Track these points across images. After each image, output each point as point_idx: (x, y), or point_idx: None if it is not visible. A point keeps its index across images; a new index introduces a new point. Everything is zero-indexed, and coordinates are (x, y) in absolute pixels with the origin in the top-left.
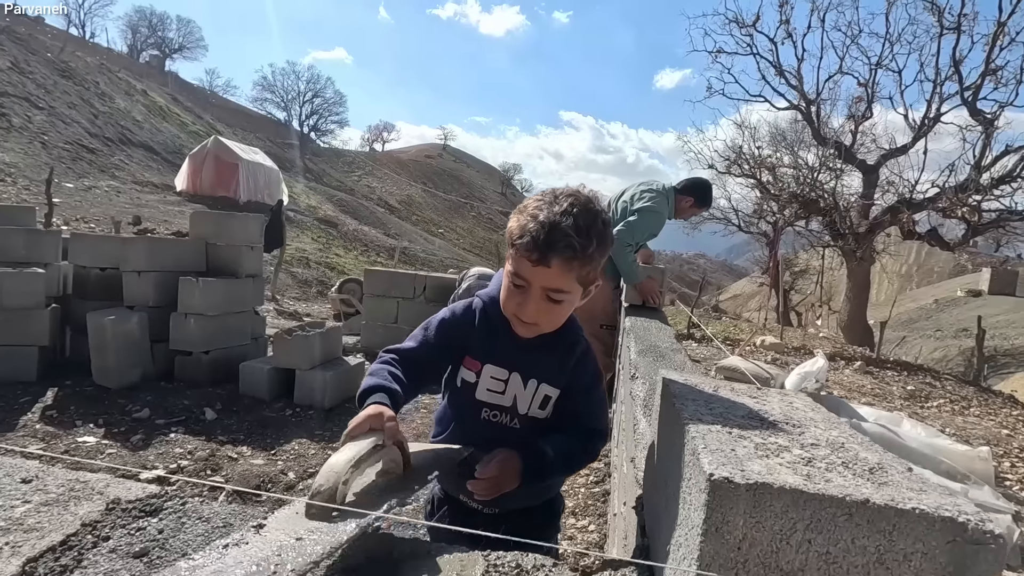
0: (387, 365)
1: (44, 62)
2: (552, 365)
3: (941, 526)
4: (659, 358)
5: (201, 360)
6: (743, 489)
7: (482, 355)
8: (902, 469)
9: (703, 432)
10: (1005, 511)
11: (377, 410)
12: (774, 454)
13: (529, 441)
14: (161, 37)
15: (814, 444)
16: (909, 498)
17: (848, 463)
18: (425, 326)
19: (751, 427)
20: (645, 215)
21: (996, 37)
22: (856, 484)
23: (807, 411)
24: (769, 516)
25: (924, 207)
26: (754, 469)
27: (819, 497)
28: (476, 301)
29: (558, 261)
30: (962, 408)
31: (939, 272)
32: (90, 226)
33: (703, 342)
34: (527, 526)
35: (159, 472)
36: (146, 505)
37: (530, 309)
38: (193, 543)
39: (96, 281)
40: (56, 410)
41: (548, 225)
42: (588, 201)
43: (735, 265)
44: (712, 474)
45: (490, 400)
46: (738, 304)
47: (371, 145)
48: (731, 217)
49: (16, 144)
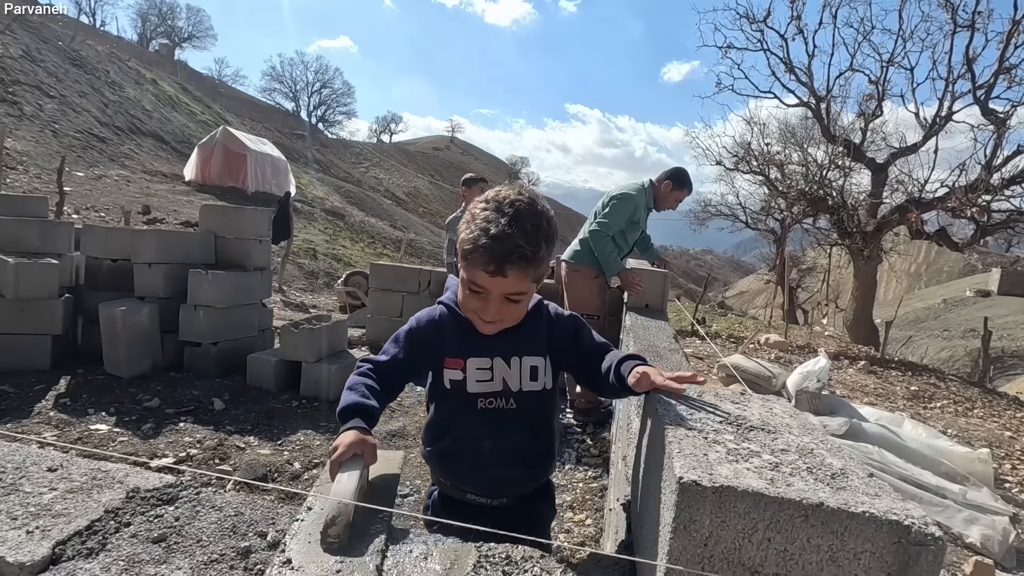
0: (364, 377)
1: (55, 51)
2: (527, 337)
3: (888, 528)
4: (656, 358)
5: (210, 351)
6: (709, 492)
7: (461, 352)
8: (863, 474)
9: (680, 436)
10: (1003, 513)
11: (359, 437)
12: (744, 459)
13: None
14: (171, 26)
15: (784, 449)
16: (862, 502)
17: (813, 468)
18: (395, 338)
19: (727, 432)
20: (614, 205)
21: (1011, 35)
22: (815, 488)
23: (785, 417)
24: (733, 516)
25: (933, 206)
26: (722, 473)
27: (778, 500)
28: (440, 307)
29: (514, 271)
30: (966, 409)
31: (948, 272)
32: (100, 215)
33: (706, 339)
34: (530, 514)
35: (169, 461)
36: (163, 494)
37: (491, 312)
38: (208, 530)
39: (108, 272)
40: (69, 398)
41: (500, 238)
42: (531, 203)
43: (742, 261)
44: (682, 477)
45: (482, 390)
46: (744, 301)
47: (379, 136)
48: (738, 213)
49: (28, 132)
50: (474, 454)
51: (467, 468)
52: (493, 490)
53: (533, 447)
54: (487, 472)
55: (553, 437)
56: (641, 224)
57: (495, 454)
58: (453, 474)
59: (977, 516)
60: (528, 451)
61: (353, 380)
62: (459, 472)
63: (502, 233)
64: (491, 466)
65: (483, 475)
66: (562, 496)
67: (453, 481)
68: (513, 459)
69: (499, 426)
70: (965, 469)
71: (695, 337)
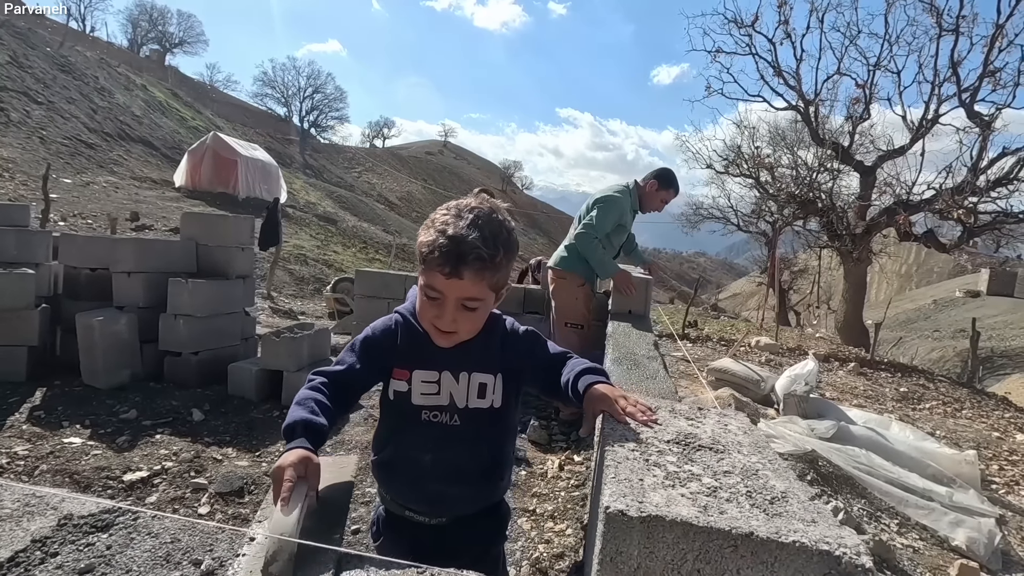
0: (315, 392)
1: (43, 56)
2: (479, 353)
3: (818, 559)
4: (634, 366)
5: (190, 361)
6: (636, 522)
7: (409, 363)
8: (804, 498)
9: (620, 459)
10: (989, 515)
11: (303, 456)
12: (682, 483)
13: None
14: (162, 31)
15: (728, 472)
16: (795, 530)
17: (753, 492)
18: (351, 346)
19: (672, 453)
20: (601, 208)
21: (995, 39)
22: (749, 516)
23: (738, 434)
24: (662, 547)
25: (921, 209)
26: (653, 500)
27: (707, 530)
28: (395, 316)
29: (470, 272)
30: (954, 410)
31: (939, 272)
32: (87, 222)
33: (698, 342)
34: (474, 535)
35: (143, 474)
36: (98, 520)
37: (447, 319)
38: (139, 558)
39: (86, 281)
40: (43, 410)
41: (457, 239)
42: (491, 211)
43: (735, 263)
44: (608, 507)
45: (427, 403)
46: (737, 303)
47: (371, 141)
48: (730, 216)
49: (14, 139)
50: (413, 467)
51: (405, 481)
52: (431, 507)
53: (476, 466)
54: (424, 486)
55: (502, 458)
56: (628, 226)
57: (435, 469)
58: (392, 487)
59: (963, 519)
60: (470, 469)
61: (302, 395)
62: (397, 485)
63: (459, 234)
64: (429, 481)
65: (420, 489)
66: (543, 505)
67: (392, 495)
68: (453, 476)
69: (441, 441)
70: (952, 471)
71: (685, 340)
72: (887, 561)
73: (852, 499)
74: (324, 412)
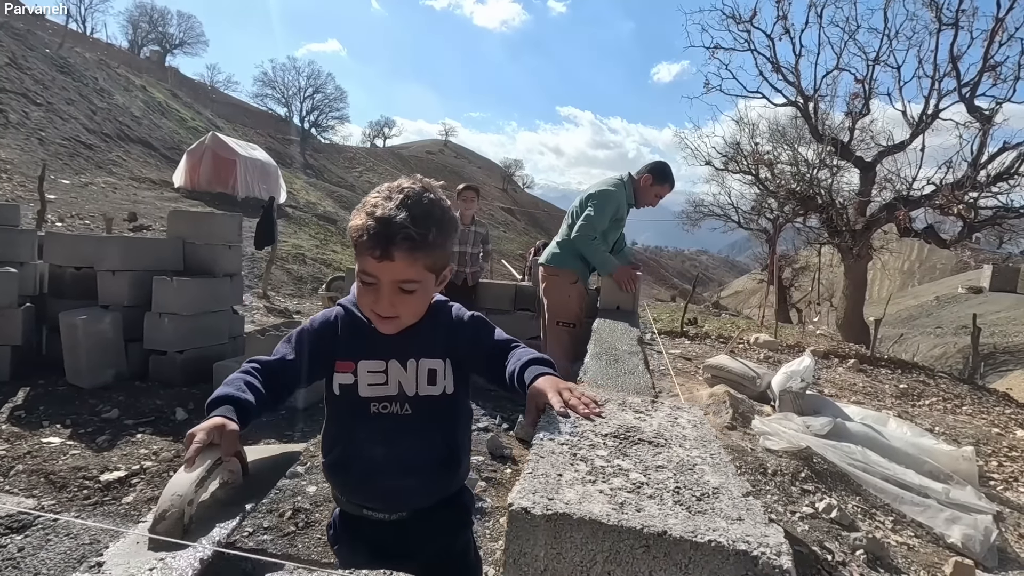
0: (244, 375)
1: (42, 58)
2: (425, 339)
3: (735, 559)
4: (613, 362)
5: (176, 360)
6: (541, 520)
7: (353, 355)
8: (737, 493)
9: (546, 453)
10: (986, 511)
11: (218, 422)
12: (605, 479)
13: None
14: (162, 32)
15: (661, 466)
16: (715, 529)
17: (682, 488)
18: (288, 338)
19: (604, 447)
20: (597, 203)
21: (994, 33)
22: (667, 513)
23: (686, 428)
24: (569, 547)
25: (921, 204)
26: (565, 498)
27: (617, 529)
28: (337, 308)
29: (400, 253)
30: (954, 407)
31: (941, 269)
32: (85, 222)
33: (696, 340)
34: (437, 527)
35: (120, 474)
36: (15, 521)
37: (384, 303)
38: (51, 561)
39: (71, 280)
40: (25, 410)
41: (385, 220)
42: (422, 191)
43: (737, 261)
44: (512, 504)
45: (376, 394)
46: (739, 301)
47: (372, 141)
48: (731, 213)
49: (13, 141)
50: (366, 462)
51: (359, 478)
52: (388, 503)
53: (431, 455)
54: (379, 481)
55: (458, 445)
56: (623, 221)
57: (388, 462)
58: (346, 486)
59: (959, 515)
60: (425, 460)
61: (231, 376)
62: (351, 483)
63: (387, 215)
64: (383, 475)
65: (375, 485)
66: None
67: (347, 495)
68: (408, 468)
69: (393, 432)
70: (949, 467)
71: (684, 337)
72: (881, 559)
73: (847, 496)
74: (251, 390)
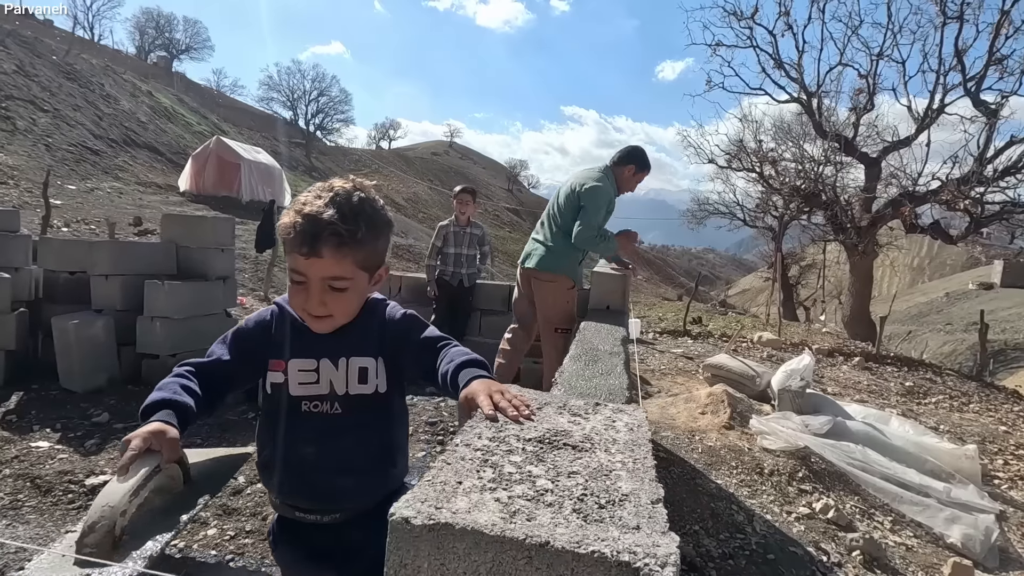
0: (179, 378)
1: (49, 65)
2: (357, 337)
3: (616, 571)
4: (592, 362)
5: (168, 364)
6: (423, 530)
7: (284, 353)
8: (645, 501)
9: (455, 459)
10: (989, 511)
11: (158, 427)
12: (507, 486)
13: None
14: (168, 38)
15: (575, 472)
16: (603, 539)
17: (588, 495)
18: (224, 338)
19: (525, 451)
20: (591, 200)
21: (1000, 26)
22: (560, 523)
23: (620, 432)
24: (452, 559)
25: (927, 200)
26: (455, 506)
27: (500, 540)
28: (272, 307)
29: (328, 249)
30: (961, 404)
31: (952, 265)
32: (91, 227)
33: (699, 339)
34: (376, 529)
35: (106, 478)
36: None
37: (314, 302)
38: None
39: (65, 285)
40: (16, 414)
41: (312, 217)
42: (353, 189)
43: (744, 259)
44: (393, 512)
45: (306, 393)
46: (747, 299)
47: (377, 143)
48: (736, 211)
49: (20, 147)
50: (297, 462)
51: (289, 478)
52: (321, 504)
53: (364, 455)
54: (310, 480)
55: (392, 445)
56: (612, 212)
57: (320, 463)
58: (279, 488)
59: (960, 515)
60: (358, 459)
61: (165, 380)
62: (283, 483)
63: (314, 212)
64: (316, 476)
65: (308, 486)
66: None
67: (280, 496)
68: (340, 468)
69: (324, 432)
70: (951, 466)
71: (687, 337)
72: (878, 560)
73: (845, 496)
74: (188, 393)
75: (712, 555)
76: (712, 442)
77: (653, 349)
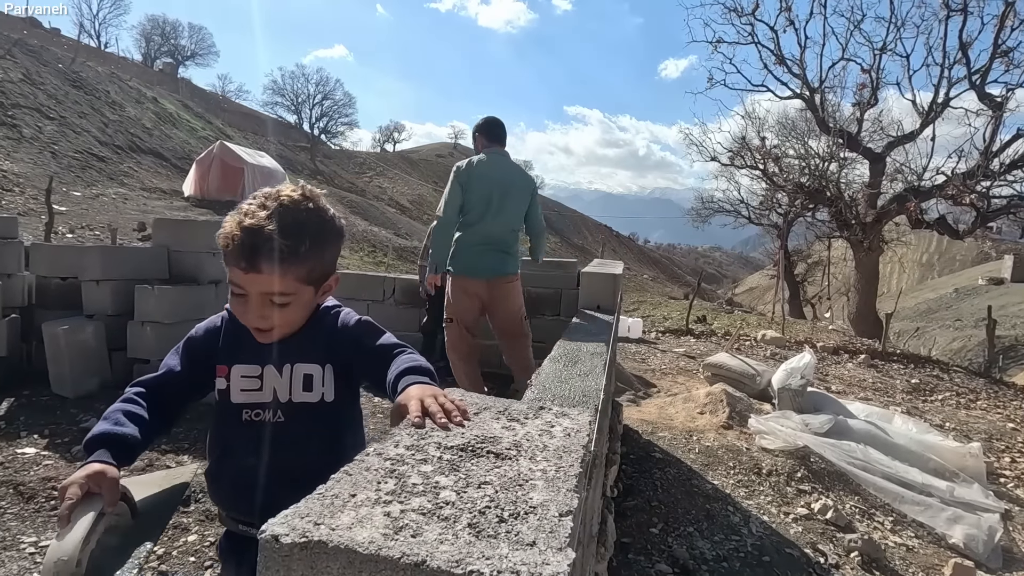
0: (127, 403)
1: (56, 73)
2: (304, 343)
3: None
4: (571, 363)
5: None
6: (293, 549)
7: (228, 359)
8: (554, 513)
9: (361, 468)
10: (993, 510)
11: (94, 469)
12: (406, 499)
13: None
14: (174, 44)
15: (486, 483)
16: (487, 558)
17: (491, 508)
18: (176, 349)
19: (440, 460)
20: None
21: (1005, 18)
22: (447, 539)
23: (555, 438)
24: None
25: (932, 195)
26: (336, 522)
27: (374, 558)
28: (223, 313)
29: (268, 266)
30: (968, 401)
31: (961, 260)
32: (95, 233)
33: (702, 337)
34: None
35: None
36: None
37: (252, 316)
38: None
39: (56, 290)
40: (5, 420)
41: (252, 231)
42: (299, 200)
43: (751, 257)
44: (264, 530)
45: (248, 400)
46: (754, 297)
47: (382, 146)
48: (740, 209)
49: (26, 155)
50: (241, 474)
51: (229, 490)
52: (263, 518)
53: (310, 466)
54: (251, 494)
55: (343, 456)
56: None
57: (260, 474)
58: (221, 499)
59: (962, 515)
60: (302, 471)
61: (111, 408)
62: (223, 495)
63: (256, 225)
64: (259, 488)
65: (251, 499)
66: None
67: (222, 507)
68: (283, 479)
69: (266, 442)
70: (955, 464)
71: (689, 335)
72: (877, 561)
73: (845, 496)
74: (133, 421)
75: (706, 557)
76: (710, 442)
77: (655, 348)
